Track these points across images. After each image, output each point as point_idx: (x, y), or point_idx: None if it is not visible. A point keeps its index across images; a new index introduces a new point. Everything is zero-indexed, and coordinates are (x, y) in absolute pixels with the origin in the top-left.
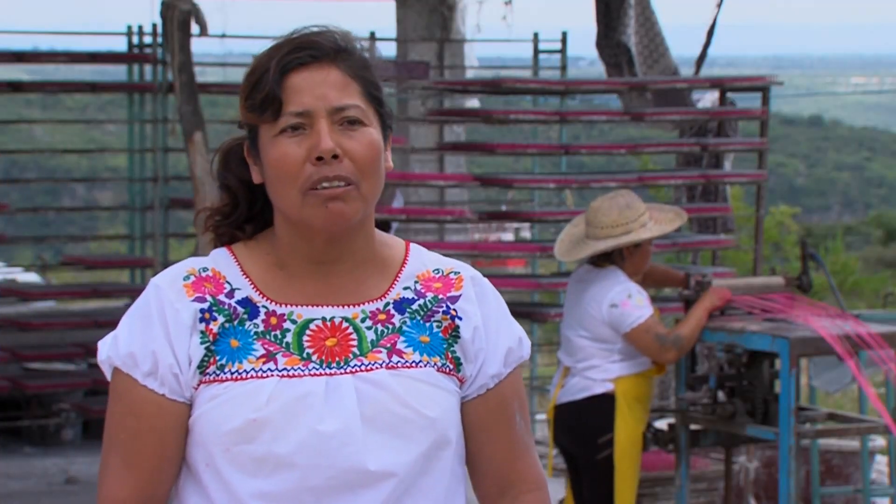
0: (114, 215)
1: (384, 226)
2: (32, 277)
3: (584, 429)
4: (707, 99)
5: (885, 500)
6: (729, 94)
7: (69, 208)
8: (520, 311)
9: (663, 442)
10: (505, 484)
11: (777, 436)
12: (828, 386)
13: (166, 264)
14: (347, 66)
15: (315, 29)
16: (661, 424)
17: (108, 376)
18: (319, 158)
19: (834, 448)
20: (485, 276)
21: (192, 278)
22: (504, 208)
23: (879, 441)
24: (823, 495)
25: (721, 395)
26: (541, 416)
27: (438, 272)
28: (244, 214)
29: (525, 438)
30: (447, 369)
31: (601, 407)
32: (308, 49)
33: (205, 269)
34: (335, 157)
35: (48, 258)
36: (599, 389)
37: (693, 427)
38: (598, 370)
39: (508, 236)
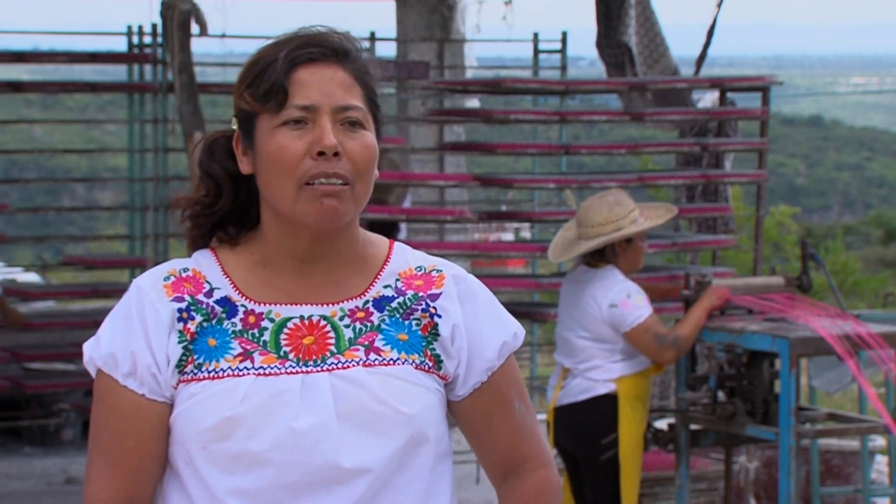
0: (114, 215)
1: (392, 227)
2: (32, 277)
3: (587, 430)
4: (707, 99)
5: (885, 500)
6: (729, 94)
7: (69, 208)
8: (520, 311)
9: (663, 442)
10: (510, 466)
11: (777, 436)
12: (828, 386)
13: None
14: (352, 68)
15: (320, 29)
16: (661, 424)
17: (94, 377)
18: (321, 153)
19: (834, 448)
20: (485, 276)
21: (173, 279)
22: (504, 208)
23: (879, 441)
24: (823, 495)
25: (721, 395)
26: (541, 416)
27: (421, 269)
28: (227, 206)
29: (526, 420)
30: (426, 367)
31: (604, 407)
32: (317, 46)
33: (185, 270)
34: (336, 154)
35: (48, 258)
36: (602, 390)
37: (693, 427)
38: (600, 370)
39: (508, 236)
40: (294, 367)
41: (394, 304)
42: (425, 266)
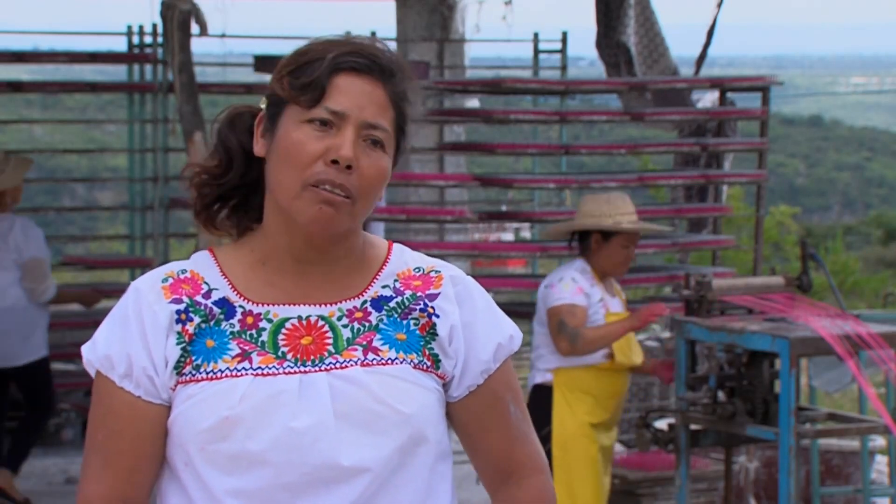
0: (114, 215)
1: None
2: None
3: None
4: (707, 99)
5: (885, 500)
6: (729, 94)
7: (69, 208)
8: (520, 311)
9: (663, 442)
10: (505, 472)
11: (777, 436)
12: (828, 386)
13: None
14: (392, 91)
15: (373, 42)
16: (661, 424)
17: (93, 377)
18: (335, 162)
19: (834, 448)
20: (485, 276)
21: (171, 280)
22: (504, 208)
23: (879, 441)
24: (823, 495)
25: (721, 395)
26: None
27: (419, 270)
28: (235, 181)
29: (522, 426)
30: (424, 366)
31: (539, 398)
32: (367, 58)
33: (183, 272)
34: (349, 167)
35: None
36: (539, 379)
37: (693, 427)
38: (542, 360)
39: (508, 236)
40: (292, 368)
41: (392, 304)
42: (424, 267)
